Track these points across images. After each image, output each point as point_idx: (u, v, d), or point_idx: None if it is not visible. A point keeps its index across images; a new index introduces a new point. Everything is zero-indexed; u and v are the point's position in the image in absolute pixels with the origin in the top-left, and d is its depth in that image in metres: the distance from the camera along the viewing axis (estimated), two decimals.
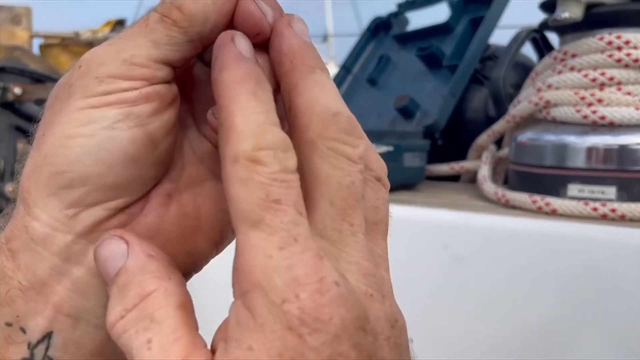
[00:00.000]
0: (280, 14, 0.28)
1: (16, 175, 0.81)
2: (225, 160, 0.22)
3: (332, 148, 0.24)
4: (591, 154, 0.83)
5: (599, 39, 0.85)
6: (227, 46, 0.25)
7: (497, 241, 0.82)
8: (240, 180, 0.22)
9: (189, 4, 0.26)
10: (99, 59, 0.26)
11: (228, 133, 0.22)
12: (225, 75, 0.24)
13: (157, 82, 0.26)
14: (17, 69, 1.10)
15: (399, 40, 1.44)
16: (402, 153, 1.09)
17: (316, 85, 0.25)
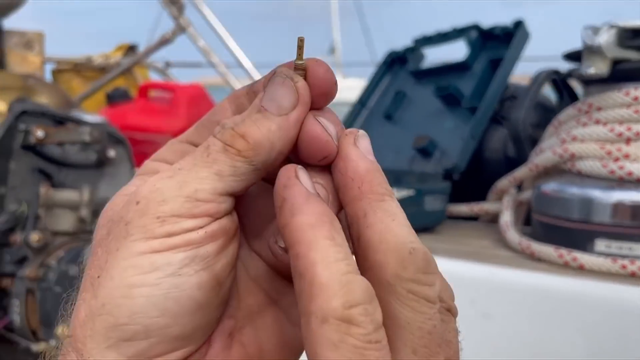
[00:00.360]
0: (341, 129, 0.27)
1: (39, 221, 0.80)
2: (311, 318, 0.21)
3: (412, 291, 0.23)
4: (618, 209, 0.83)
5: (624, 94, 0.85)
6: (294, 186, 0.24)
7: (525, 297, 0.82)
8: (332, 343, 0.20)
9: (253, 131, 0.25)
10: (159, 196, 0.24)
11: (312, 287, 0.21)
12: (298, 219, 0.23)
13: (221, 216, 0.25)
14: (39, 111, 1.10)
15: (415, 75, 1.44)
16: (423, 196, 1.09)
17: (387, 215, 0.24)
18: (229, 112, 0.28)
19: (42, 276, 0.91)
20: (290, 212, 0.23)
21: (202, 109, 1.90)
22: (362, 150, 0.26)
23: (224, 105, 0.28)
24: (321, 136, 0.25)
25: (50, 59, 2.16)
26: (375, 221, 0.24)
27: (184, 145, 0.28)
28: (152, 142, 1.80)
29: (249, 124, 0.25)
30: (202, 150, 0.25)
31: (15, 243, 0.97)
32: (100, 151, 1.14)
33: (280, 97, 0.25)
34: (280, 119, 0.25)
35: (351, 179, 0.25)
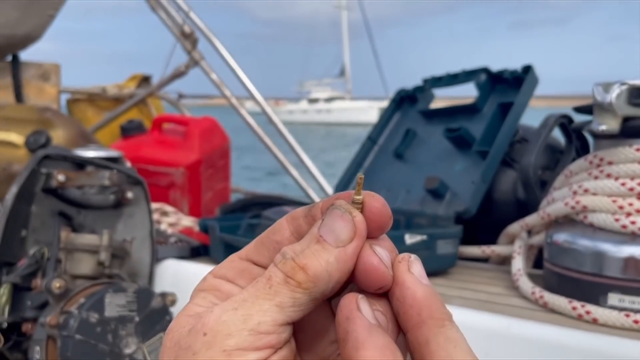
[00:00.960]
0: (395, 255, 0.28)
1: (60, 265, 0.82)
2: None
3: None
4: (630, 264, 0.85)
5: (636, 149, 0.87)
6: (357, 318, 0.25)
7: (539, 350, 0.83)
8: None
9: (312, 263, 0.26)
10: (225, 329, 0.25)
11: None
12: (362, 354, 0.24)
13: (281, 346, 0.26)
14: (60, 155, 1.13)
15: (425, 115, 1.47)
16: (436, 241, 1.11)
17: (450, 342, 0.25)
18: (287, 232, 0.29)
19: (63, 323, 0.92)
20: (355, 347, 0.24)
21: (215, 141, 1.92)
22: (417, 275, 0.27)
23: (282, 225, 0.29)
24: (378, 268, 0.26)
25: (65, 89, 2.20)
26: (438, 349, 0.25)
27: (243, 263, 0.29)
28: (165, 174, 1.83)
29: (308, 255, 0.26)
30: (264, 281, 0.26)
31: (37, 288, 0.99)
32: (118, 193, 1.16)
33: (339, 230, 0.26)
34: (338, 252, 0.26)
35: (410, 306, 0.26)
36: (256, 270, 0.29)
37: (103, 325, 0.94)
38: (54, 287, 0.95)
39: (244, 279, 0.29)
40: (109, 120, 2.09)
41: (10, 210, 1.05)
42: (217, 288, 0.29)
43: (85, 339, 0.92)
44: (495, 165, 1.20)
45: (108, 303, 0.96)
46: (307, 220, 0.29)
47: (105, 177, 1.12)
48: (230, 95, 1.98)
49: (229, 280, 0.29)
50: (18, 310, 1.00)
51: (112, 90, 2.23)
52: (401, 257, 0.28)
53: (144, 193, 1.24)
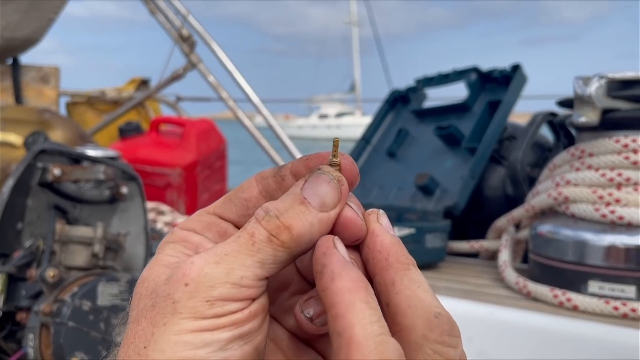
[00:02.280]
0: (362, 209, 0.29)
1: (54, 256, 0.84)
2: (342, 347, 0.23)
3: (437, 351, 0.26)
4: (610, 252, 0.86)
5: (615, 141, 0.90)
6: (333, 254, 0.26)
7: (521, 336, 0.84)
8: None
9: (297, 224, 0.26)
10: (208, 281, 0.26)
11: (349, 346, 0.24)
12: (337, 284, 0.25)
13: (260, 297, 0.27)
14: (56, 150, 1.15)
15: (417, 115, 1.49)
16: (424, 235, 1.13)
17: (413, 283, 0.27)
18: (256, 191, 0.30)
19: (56, 311, 0.94)
20: (330, 277, 0.25)
21: (212, 142, 1.95)
22: (385, 226, 0.28)
23: (251, 184, 0.30)
24: (356, 221, 0.28)
25: (65, 92, 2.23)
26: (403, 288, 0.27)
27: (211, 217, 0.30)
28: (162, 174, 1.85)
29: (293, 215, 0.27)
30: (247, 237, 0.27)
31: (31, 278, 1.01)
32: (113, 188, 1.18)
33: (324, 195, 0.27)
34: (322, 215, 0.27)
35: (378, 252, 0.28)
36: (223, 224, 0.30)
37: (95, 313, 0.96)
38: (48, 276, 0.97)
39: (211, 231, 0.30)
40: (107, 122, 2.12)
41: (6, 203, 1.07)
42: (185, 239, 0.30)
43: (78, 327, 0.94)
44: (484, 161, 1.23)
45: (101, 292, 0.98)
46: (275, 180, 0.30)
47: (101, 171, 1.14)
48: (227, 97, 2.01)
49: (196, 232, 0.30)
50: (13, 300, 1.02)
51: (111, 93, 2.26)
52: (370, 211, 0.29)
53: (138, 189, 1.26)
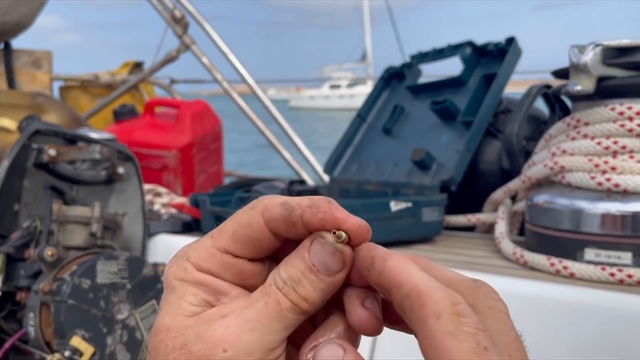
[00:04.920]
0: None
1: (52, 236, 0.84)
2: (427, 320, 0.26)
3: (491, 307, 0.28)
4: (606, 220, 0.87)
5: (610, 109, 0.90)
6: (376, 248, 0.29)
7: (517, 304, 0.85)
8: (449, 333, 0.25)
9: (312, 295, 0.30)
10: (246, 349, 0.29)
11: (420, 299, 0.26)
12: (390, 262, 0.28)
13: (282, 353, 0.30)
14: (51, 130, 1.15)
15: (412, 91, 1.49)
16: (421, 208, 1.13)
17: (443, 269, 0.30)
18: (266, 231, 0.31)
19: (56, 289, 0.95)
20: (382, 260, 0.28)
21: (207, 124, 1.94)
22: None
23: (259, 223, 0.31)
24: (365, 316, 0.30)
25: (57, 76, 2.21)
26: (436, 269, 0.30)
27: (225, 256, 0.31)
28: (158, 157, 1.85)
29: (307, 286, 0.29)
30: (274, 305, 0.29)
31: (30, 258, 1.01)
32: (109, 168, 1.18)
33: (330, 264, 0.30)
34: (330, 280, 0.30)
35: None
36: (238, 263, 0.31)
37: (95, 291, 0.97)
38: (46, 255, 0.97)
39: (229, 273, 0.31)
40: (102, 106, 2.11)
41: (2, 184, 1.07)
42: (204, 283, 0.31)
43: (78, 304, 0.94)
44: (480, 134, 1.23)
45: (100, 270, 0.98)
46: (286, 225, 0.30)
47: (96, 151, 1.14)
48: (221, 78, 2.00)
49: (214, 275, 0.31)
50: (12, 280, 1.02)
51: (104, 77, 2.24)
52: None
53: (135, 169, 1.26)
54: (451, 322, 0.25)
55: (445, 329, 0.25)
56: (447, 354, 0.25)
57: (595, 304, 0.80)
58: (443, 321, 0.25)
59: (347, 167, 1.50)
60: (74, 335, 0.92)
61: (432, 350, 0.25)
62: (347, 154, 1.52)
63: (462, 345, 0.25)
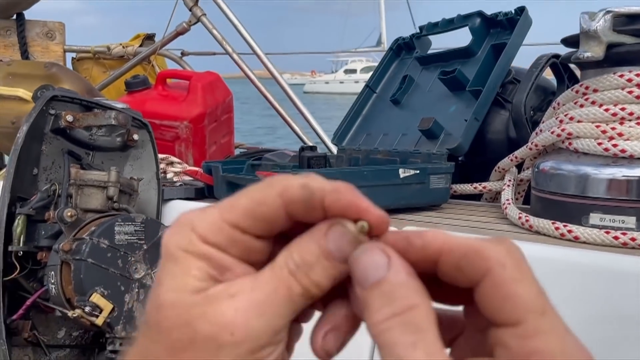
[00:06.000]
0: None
1: (71, 199, 0.87)
2: (493, 270, 0.27)
3: None
4: (612, 185, 0.89)
5: (619, 76, 0.91)
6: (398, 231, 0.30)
7: None
8: (518, 279, 0.26)
9: (324, 281, 0.29)
10: (254, 334, 0.28)
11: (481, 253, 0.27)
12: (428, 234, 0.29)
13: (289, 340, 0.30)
14: (67, 97, 1.17)
15: (421, 61, 1.49)
16: (429, 176, 1.15)
17: None
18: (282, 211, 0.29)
19: (76, 249, 0.98)
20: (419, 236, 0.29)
21: (218, 95, 1.96)
22: None
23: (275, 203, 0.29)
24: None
25: (70, 48, 2.23)
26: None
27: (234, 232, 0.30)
28: (170, 127, 1.87)
29: (320, 272, 0.29)
30: (285, 291, 0.28)
31: (49, 219, 1.05)
32: (125, 135, 1.21)
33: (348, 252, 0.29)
34: (344, 267, 0.29)
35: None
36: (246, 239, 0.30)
37: (113, 251, 1.00)
38: (66, 216, 1.00)
39: (236, 248, 0.30)
40: (114, 78, 2.13)
41: (21, 148, 1.10)
42: (209, 257, 0.29)
43: (97, 263, 0.98)
44: (488, 103, 1.24)
45: (117, 231, 1.02)
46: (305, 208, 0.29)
47: (112, 117, 1.16)
48: (232, 51, 2.01)
49: (220, 249, 0.30)
50: (32, 240, 1.06)
51: (116, 48, 2.26)
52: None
53: (149, 136, 1.28)
54: (516, 269, 0.27)
55: (513, 276, 0.26)
56: (518, 299, 0.26)
57: (598, 265, 0.82)
58: (509, 269, 0.26)
59: (356, 138, 1.52)
60: (94, 293, 0.96)
61: (501, 297, 0.26)
62: (355, 125, 1.54)
63: (531, 289, 0.27)
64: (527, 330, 0.26)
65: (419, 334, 0.26)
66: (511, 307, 0.26)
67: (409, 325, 0.26)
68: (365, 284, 0.28)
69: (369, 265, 0.28)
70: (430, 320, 0.27)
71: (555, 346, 0.26)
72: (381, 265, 0.28)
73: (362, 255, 0.28)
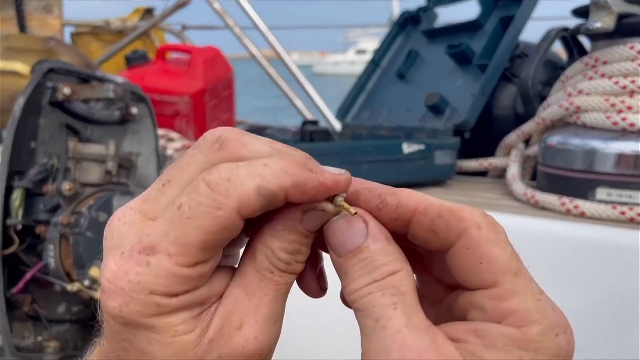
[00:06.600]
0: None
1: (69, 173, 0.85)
2: (468, 230, 0.26)
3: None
4: (620, 159, 0.87)
5: (629, 47, 0.88)
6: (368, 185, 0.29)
7: (527, 242, 0.86)
8: (492, 240, 0.26)
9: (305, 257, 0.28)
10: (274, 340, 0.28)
11: (456, 214, 0.27)
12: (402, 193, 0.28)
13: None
14: (64, 69, 1.15)
15: (427, 35, 1.46)
16: (434, 151, 1.13)
17: None
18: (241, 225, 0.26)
19: (75, 222, 0.97)
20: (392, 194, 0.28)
21: (219, 70, 1.93)
22: None
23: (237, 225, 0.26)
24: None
25: (68, 22, 2.19)
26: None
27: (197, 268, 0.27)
28: (170, 103, 1.85)
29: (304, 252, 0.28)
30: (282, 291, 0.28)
31: (48, 192, 1.04)
32: (123, 109, 1.19)
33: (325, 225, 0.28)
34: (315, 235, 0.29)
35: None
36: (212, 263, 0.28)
37: None
38: (64, 189, 0.99)
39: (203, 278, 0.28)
40: (113, 52, 2.10)
41: (18, 122, 1.08)
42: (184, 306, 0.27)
43: (96, 237, 0.97)
44: (495, 77, 1.21)
45: (116, 205, 1.00)
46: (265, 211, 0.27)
47: (110, 89, 1.14)
48: (233, 24, 1.97)
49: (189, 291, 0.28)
50: (31, 214, 1.05)
51: (115, 23, 2.22)
52: None
53: (148, 110, 1.26)
54: (491, 231, 0.26)
55: (488, 237, 0.26)
56: (493, 260, 0.26)
57: (604, 240, 0.81)
58: (484, 230, 0.26)
59: (360, 113, 1.49)
60: (93, 266, 0.95)
61: (476, 257, 0.26)
62: (360, 100, 1.52)
63: (505, 251, 0.26)
64: (503, 291, 0.26)
65: (399, 297, 0.25)
66: (486, 269, 0.26)
67: (389, 289, 0.26)
68: (342, 252, 0.27)
69: (346, 233, 0.27)
70: (410, 284, 0.26)
71: (531, 306, 0.25)
72: (359, 232, 0.27)
73: (337, 222, 0.27)
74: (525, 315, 0.25)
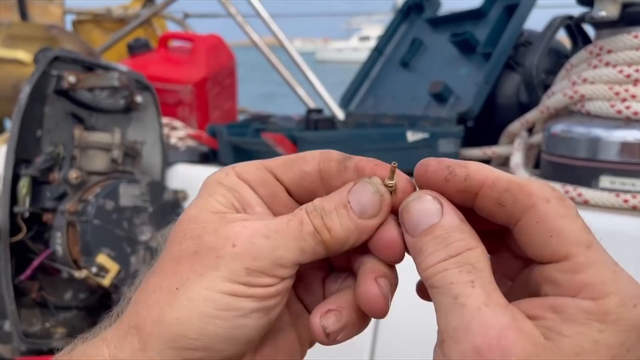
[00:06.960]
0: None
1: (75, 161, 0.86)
2: (537, 205, 0.27)
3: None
4: (623, 147, 0.87)
5: (634, 36, 0.88)
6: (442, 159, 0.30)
7: None
8: (562, 214, 0.26)
9: (337, 228, 0.29)
10: (254, 251, 0.28)
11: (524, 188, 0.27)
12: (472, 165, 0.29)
13: (289, 278, 0.30)
14: (70, 57, 1.15)
15: (431, 23, 1.46)
16: (437, 140, 1.14)
17: None
18: (317, 169, 0.31)
19: (82, 210, 0.98)
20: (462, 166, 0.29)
21: (221, 59, 1.93)
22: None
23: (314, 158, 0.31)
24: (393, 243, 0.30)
25: (70, 10, 2.19)
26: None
27: (267, 174, 0.31)
28: (172, 91, 1.85)
29: (334, 219, 0.29)
30: (297, 224, 0.29)
31: (54, 181, 1.04)
32: (128, 97, 1.19)
33: (366, 204, 0.29)
34: (360, 222, 0.29)
35: None
36: (277, 185, 0.31)
37: (118, 212, 1.00)
38: (71, 177, 1.00)
39: (264, 188, 0.31)
40: (115, 41, 2.09)
41: (24, 109, 1.08)
42: (238, 190, 0.31)
43: (103, 225, 0.98)
44: (499, 66, 1.21)
45: (122, 193, 1.01)
46: (338, 168, 0.31)
47: (115, 77, 1.14)
48: (235, 12, 1.97)
49: (250, 186, 0.31)
50: (38, 202, 1.06)
51: (117, 11, 2.22)
52: None
53: (152, 98, 1.27)
54: (560, 205, 0.27)
55: (557, 211, 0.27)
56: (564, 233, 0.26)
57: (608, 228, 0.82)
58: (553, 204, 0.27)
59: (364, 102, 1.49)
60: (100, 253, 0.96)
61: (546, 231, 0.26)
62: (363, 88, 1.52)
63: (576, 224, 0.26)
64: (576, 264, 0.26)
65: (476, 274, 0.26)
66: (557, 242, 0.26)
67: (465, 266, 0.26)
68: (416, 231, 0.28)
69: (421, 212, 0.28)
70: (485, 261, 0.27)
71: (606, 277, 0.25)
72: (433, 212, 0.28)
73: (413, 202, 0.29)
74: (602, 287, 0.25)
